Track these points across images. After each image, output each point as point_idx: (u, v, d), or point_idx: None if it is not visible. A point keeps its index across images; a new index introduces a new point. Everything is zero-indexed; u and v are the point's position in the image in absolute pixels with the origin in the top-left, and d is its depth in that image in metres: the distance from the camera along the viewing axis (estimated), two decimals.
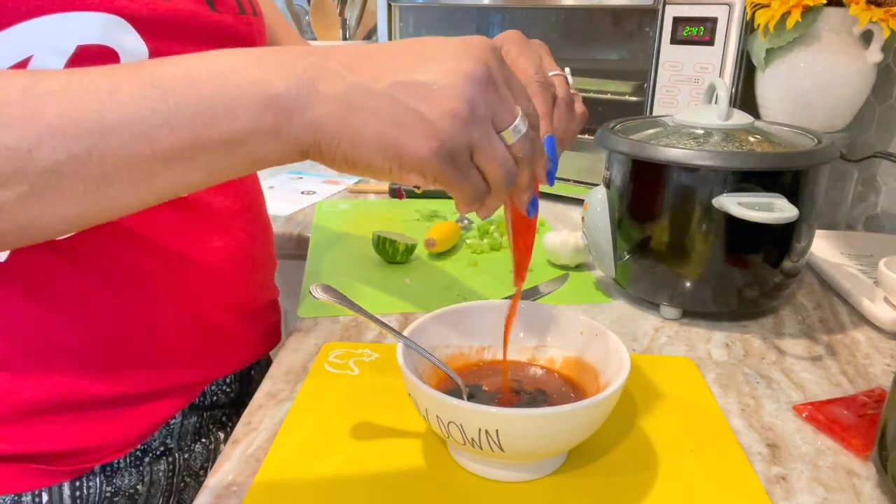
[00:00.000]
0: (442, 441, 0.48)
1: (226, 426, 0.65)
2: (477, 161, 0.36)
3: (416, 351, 0.47)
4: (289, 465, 0.46)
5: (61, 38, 0.42)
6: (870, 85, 0.84)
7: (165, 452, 0.58)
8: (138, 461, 0.55)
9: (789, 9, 0.79)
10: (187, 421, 0.60)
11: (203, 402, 0.61)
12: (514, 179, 0.38)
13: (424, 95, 0.34)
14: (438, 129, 0.34)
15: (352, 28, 1.41)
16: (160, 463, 0.57)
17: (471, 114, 0.34)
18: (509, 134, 0.36)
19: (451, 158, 0.35)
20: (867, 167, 0.96)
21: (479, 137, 0.35)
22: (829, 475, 0.46)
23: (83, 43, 0.43)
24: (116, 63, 0.45)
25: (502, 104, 0.36)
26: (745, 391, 0.55)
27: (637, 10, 0.96)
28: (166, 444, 0.58)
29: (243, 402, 0.66)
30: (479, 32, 1.23)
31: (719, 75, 0.86)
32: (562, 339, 0.52)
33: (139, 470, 0.55)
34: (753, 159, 0.60)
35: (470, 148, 0.35)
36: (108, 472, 0.53)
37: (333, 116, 0.34)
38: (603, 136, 0.68)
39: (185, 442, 0.60)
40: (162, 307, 0.54)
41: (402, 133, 0.34)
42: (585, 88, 1.07)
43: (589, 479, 0.45)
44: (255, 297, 0.64)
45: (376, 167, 0.35)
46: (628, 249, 0.67)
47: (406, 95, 0.34)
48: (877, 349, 0.63)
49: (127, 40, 0.45)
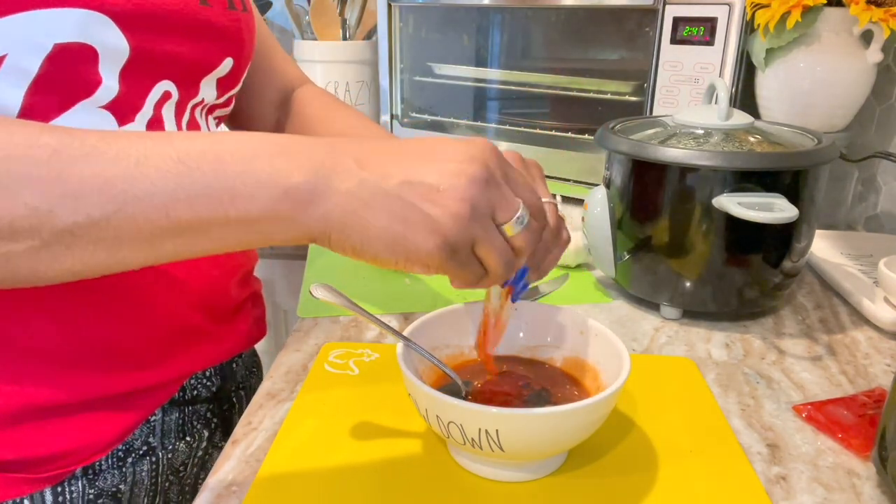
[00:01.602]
0: (442, 441, 0.48)
1: (210, 422, 0.64)
2: (477, 253, 0.39)
3: (416, 351, 0.47)
4: (289, 465, 0.46)
5: (37, 36, 0.41)
6: (870, 85, 0.84)
7: (148, 451, 0.57)
8: (121, 461, 0.54)
9: (789, 9, 0.79)
10: (168, 417, 0.58)
11: (183, 397, 0.60)
12: (513, 267, 0.41)
13: (430, 196, 0.36)
14: (442, 227, 0.36)
15: (352, 28, 1.41)
16: (143, 462, 0.56)
17: (472, 212, 0.37)
18: (510, 227, 0.39)
19: (453, 252, 0.37)
20: (867, 167, 0.96)
21: (479, 233, 0.38)
22: (829, 475, 0.46)
23: (61, 41, 0.42)
24: (95, 60, 0.45)
25: (503, 200, 0.38)
26: (745, 391, 0.55)
27: (637, 10, 0.96)
28: (149, 442, 0.57)
29: (226, 396, 0.66)
30: (479, 32, 1.23)
31: (719, 75, 0.86)
32: (562, 339, 0.52)
33: (122, 470, 0.54)
34: (753, 159, 0.60)
35: (472, 242, 0.38)
36: (91, 475, 0.52)
37: (345, 210, 0.37)
38: (603, 136, 0.68)
39: (168, 440, 0.59)
40: (138, 309, 0.53)
41: (408, 230, 0.37)
42: (585, 88, 1.07)
43: (589, 479, 0.45)
44: (233, 295, 0.63)
45: (382, 259, 0.38)
46: (628, 249, 0.67)
47: (413, 195, 0.37)
48: (877, 349, 0.63)
49: (107, 36, 0.44)
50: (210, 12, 0.53)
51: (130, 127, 0.49)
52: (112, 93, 0.46)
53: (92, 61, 0.44)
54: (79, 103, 0.45)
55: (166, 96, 0.51)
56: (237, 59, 0.57)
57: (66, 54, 0.43)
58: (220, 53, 0.55)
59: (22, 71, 0.42)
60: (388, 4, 1.15)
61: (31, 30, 0.41)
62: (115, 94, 0.46)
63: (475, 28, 1.24)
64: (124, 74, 0.46)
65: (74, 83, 0.45)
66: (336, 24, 1.39)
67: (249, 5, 0.59)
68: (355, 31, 1.41)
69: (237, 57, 0.57)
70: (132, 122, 0.48)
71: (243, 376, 0.70)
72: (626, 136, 0.66)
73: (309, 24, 1.39)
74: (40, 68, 0.42)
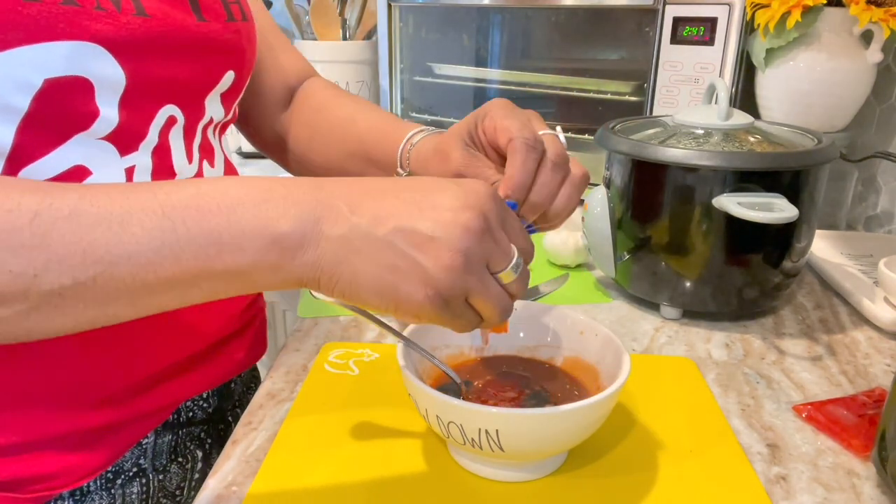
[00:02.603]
0: (442, 441, 0.48)
1: (204, 443, 0.60)
2: (472, 303, 0.38)
3: (416, 351, 0.47)
4: (289, 465, 0.46)
5: (25, 73, 0.39)
6: (870, 85, 0.84)
7: (138, 473, 0.54)
8: (109, 483, 0.52)
9: (789, 9, 0.79)
10: (161, 440, 0.55)
11: (178, 420, 0.57)
12: (510, 312, 0.40)
13: (423, 245, 0.35)
14: (435, 279, 0.35)
15: (352, 28, 1.41)
16: (133, 485, 0.53)
17: (466, 263, 0.36)
18: (506, 274, 0.38)
19: (446, 304, 0.36)
20: (867, 167, 0.96)
21: (474, 284, 0.36)
22: (829, 475, 0.46)
23: (51, 76, 0.40)
24: (91, 92, 0.42)
25: (498, 248, 0.37)
26: (745, 391, 0.55)
27: (637, 10, 0.96)
28: (139, 464, 0.54)
29: (222, 418, 0.62)
30: (479, 32, 1.23)
31: (719, 75, 0.86)
32: (562, 339, 0.52)
33: (110, 493, 0.52)
34: (753, 159, 0.60)
35: (465, 294, 0.37)
36: (78, 497, 0.50)
37: (335, 256, 0.36)
38: (603, 136, 0.68)
39: (159, 462, 0.55)
40: (132, 347, 0.50)
41: (399, 279, 0.35)
42: (585, 88, 1.07)
43: (589, 479, 0.45)
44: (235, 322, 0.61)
45: (372, 305, 0.37)
46: (628, 249, 0.67)
47: (405, 243, 0.35)
48: (877, 349, 0.63)
49: (101, 66, 0.42)
50: (208, 28, 0.50)
51: (134, 157, 0.47)
52: (112, 124, 0.44)
53: (87, 93, 0.42)
54: (74, 136, 0.43)
55: (171, 121, 0.49)
56: (238, 71, 0.54)
57: (57, 88, 0.41)
58: (221, 69, 0.52)
59: (11, 109, 0.40)
60: (388, 4, 1.15)
61: (17, 68, 0.39)
62: (115, 124, 0.44)
63: (475, 28, 1.24)
64: (123, 103, 0.44)
65: (69, 117, 0.43)
66: (336, 24, 1.39)
67: (249, 13, 0.56)
68: (355, 31, 1.41)
69: (238, 69, 0.54)
70: (135, 152, 0.47)
71: (241, 393, 0.67)
72: (626, 136, 0.66)
73: (309, 24, 1.39)
74: (31, 105, 0.40)
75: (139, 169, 0.47)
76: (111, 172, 0.45)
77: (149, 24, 0.44)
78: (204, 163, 0.54)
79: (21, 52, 0.39)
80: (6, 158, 0.41)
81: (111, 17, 0.42)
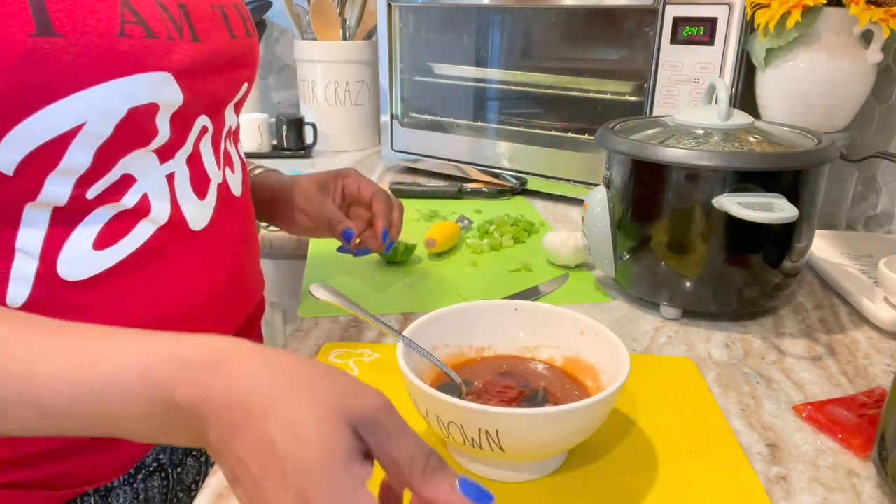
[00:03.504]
0: (442, 441, 0.48)
1: None
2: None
3: (416, 351, 0.47)
4: None
5: (115, 102, 0.42)
6: (870, 85, 0.84)
7: (158, 468, 0.57)
8: (132, 478, 0.55)
9: (789, 9, 0.79)
10: None
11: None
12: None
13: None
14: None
15: (352, 28, 1.41)
16: (154, 479, 0.57)
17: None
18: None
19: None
20: (867, 167, 0.96)
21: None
22: (829, 475, 0.46)
23: (134, 105, 0.43)
24: (155, 114, 0.45)
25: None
26: (745, 391, 0.55)
27: (637, 10, 0.95)
28: (159, 459, 0.57)
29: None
30: (479, 32, 1.23)
31: (719, 75, 0.86)
32: (562, 339, 0.52)
33: (133, 487, 0.55)
34: (753, 159, 0.60)
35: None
36: (102, 492, 0.53)
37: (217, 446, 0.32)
38: (603, 136, 0.68)
39: (176, 455, 0.59)
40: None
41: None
42: (585, 88, 1.07)
43: (589, 479, 0.45)
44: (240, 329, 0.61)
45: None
46: (628, 249, 0.67)
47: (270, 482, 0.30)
48: (877, 349, 0.63)
49: (168, 92, 0.45)
50: (238, 44, 0.53)
51: (171, 164, 0.49)
52: (164, 139, 0.47)
53: (153, 116, 0.45)
54: (133, 152, 0.45)
55: (203, 131, 0.52)
56: (250, 81, 0.58)
57: (135, 115, 0.44)
58: (242, 80, 0.56)
59: (95, 136, 0.42)
60: (388, 4, 1.15)
61: (108, 99, 0.41)
62: (166, 139, 0.47)
63: (475, 28, 1.24)
64: (173, 120, 0.47)
65: (137, 138, 0.45)
66: (336, 24, 1.39)
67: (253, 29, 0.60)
68: (355, 31, 1.41)
69: (251, 80, 0.58)
70: (172, 160, 0.49)
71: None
72: (626, 136, 0.66)
73: (309, 24, 1.39)
74: (113, 131, 0.43)
75: (178, 175, 0.50)
76: (154, 179, 0.48)
77: (200, 48, 0.48)
78: (226, 168, 0.56)
79: (114, 85, 0.41)
80: (79, 176, 0.43)
81: (177, 45, 0.45)
